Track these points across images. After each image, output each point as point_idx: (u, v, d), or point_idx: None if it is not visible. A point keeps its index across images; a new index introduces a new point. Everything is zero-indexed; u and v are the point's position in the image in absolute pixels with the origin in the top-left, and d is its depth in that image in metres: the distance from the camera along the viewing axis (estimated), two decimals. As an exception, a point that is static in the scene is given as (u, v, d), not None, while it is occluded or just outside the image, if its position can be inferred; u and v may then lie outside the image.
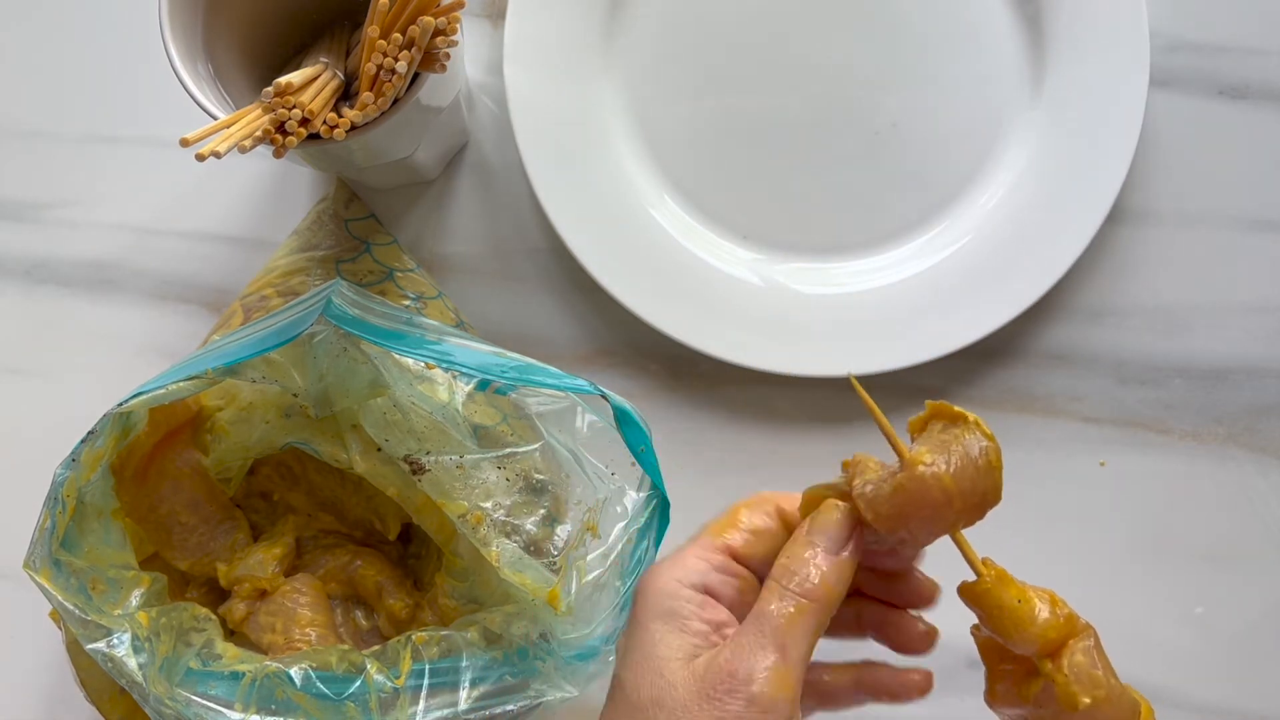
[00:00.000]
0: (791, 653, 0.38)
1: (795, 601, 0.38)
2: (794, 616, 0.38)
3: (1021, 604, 0.39)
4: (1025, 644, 0.39)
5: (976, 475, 0.38)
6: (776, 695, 0.37)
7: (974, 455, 0.38)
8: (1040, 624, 0.39)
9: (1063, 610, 0.39)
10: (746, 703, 0.37)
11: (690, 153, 0.63)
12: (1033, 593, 0.39)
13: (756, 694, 0.37)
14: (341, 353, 0.51)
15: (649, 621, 0.40)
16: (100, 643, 0.46)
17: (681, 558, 0.41)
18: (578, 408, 0.52)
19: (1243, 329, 0.63)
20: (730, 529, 0.41)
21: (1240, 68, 0.63)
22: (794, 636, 0.38)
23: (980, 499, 0.39)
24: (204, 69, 0.53)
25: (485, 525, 0.50)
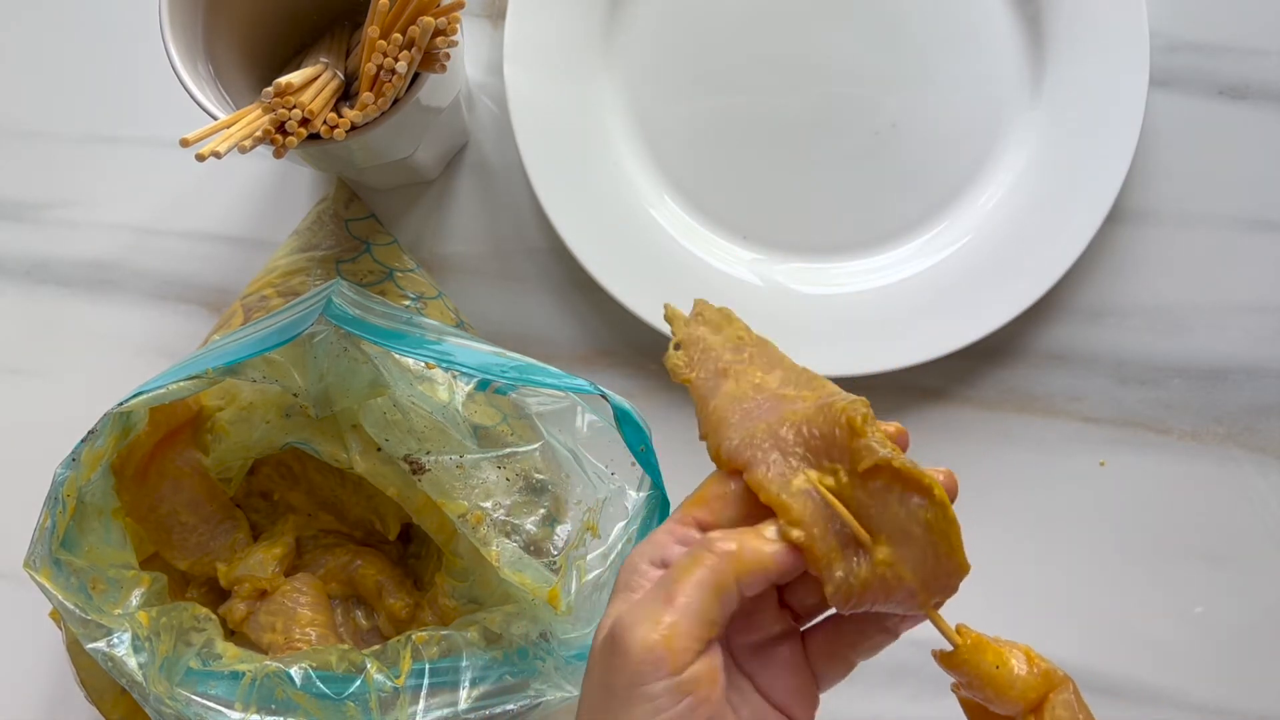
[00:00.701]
0: (679, 601, 0.36)
1: (698, 555, 0.37)
2: (687, 567, 0.37)
3: (999, 668, 0.39)
4: (1008, 705, 0.39)
5: (938, 561, 0.38)
6: (653, 641, 0.35)
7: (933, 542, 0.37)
8: (1020, 685, 0.39)
9: (1040, 665, 0.40)
10: (625, 652, 0.35)
11: (690, 153, 0.63)
12: (1008, 654, 0.40)
13: (639, 639, 0.35)
14: (342, 352, 0.51)
15: (612, 599, 0.39)
16: (100, 642, 0.46)
17: (650, 535, 0.40)
18: (578, 407, 0.52)
19: (1243, 329, 0.63)
20: (697, 501, 0.40)
21: (1240, 68, 0.63)
22: (683, 586, 0.36)
23: (945, 581, 0.38)
24: (204, 69, 0.53)
25: (485, 525, 0.50)
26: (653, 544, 0.39)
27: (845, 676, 0.42)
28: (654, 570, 0.38)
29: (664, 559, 0.39)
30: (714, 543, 0.37)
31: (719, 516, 0.39)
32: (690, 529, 0.39)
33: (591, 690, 0.37)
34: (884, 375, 0.61)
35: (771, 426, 0.39)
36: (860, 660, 0.41)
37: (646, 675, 0.35)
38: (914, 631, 0.43)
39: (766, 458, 0.39)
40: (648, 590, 0.37)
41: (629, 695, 0.35)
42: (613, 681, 0.35)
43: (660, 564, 0.39)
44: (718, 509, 0.39)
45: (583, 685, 0.38)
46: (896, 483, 0.37)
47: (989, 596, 0.62)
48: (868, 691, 0.61)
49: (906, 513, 0.37)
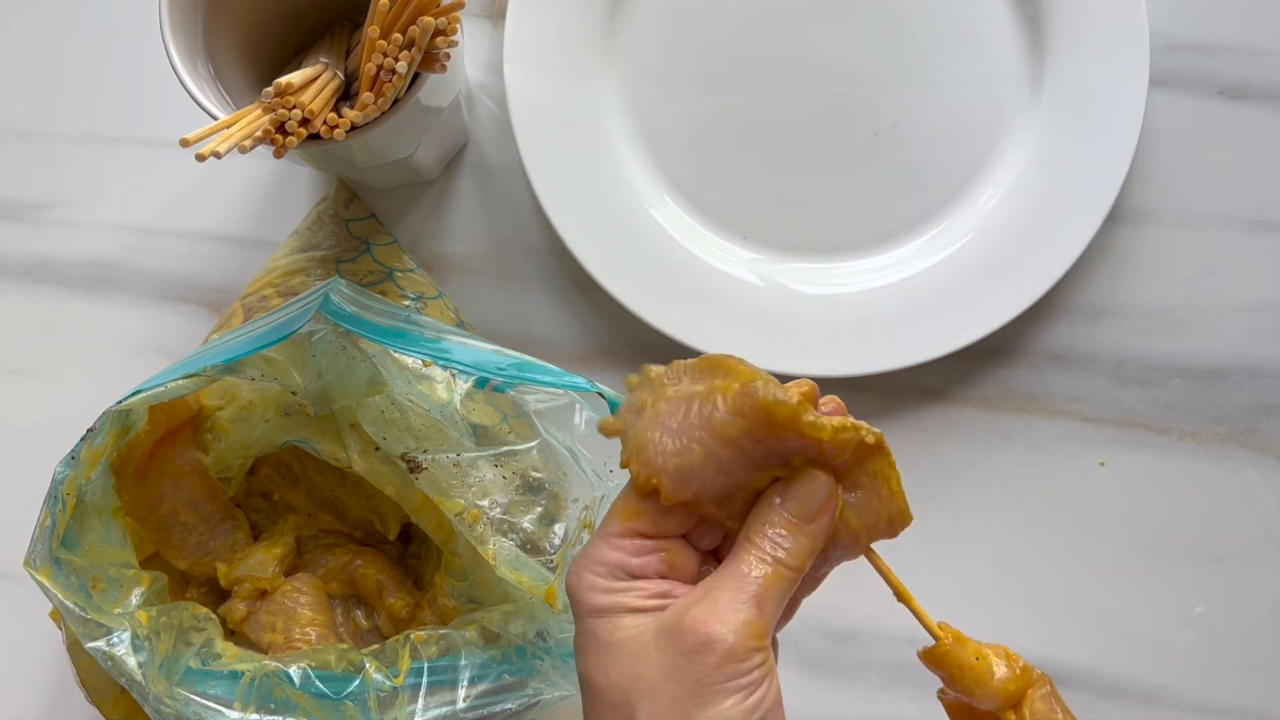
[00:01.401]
0: (767, 609, 0.38)
1: (773, 565, 0.39)
2: (771, 578, 0.39)
3: (979, 661, 0.41)
4: (988, 699, 0.41)
5: (881, 506, 0.40)
6: (752, 645, 0.38)
7: (878, 489, 0.40)
8: (999, 678, 0.41)
9: (1018, 663, 0.42)
10: (722, 657, 0.37)
11: (690, 153, 0.63)
12: (989, 649, 0.42)
13: (734, 646, 0.37)
14: (340, 351, 0.51)
15: (590, 619, 0.40)
16: (100, 641, 0.46)
17: (596, 550, 0.40)
18: (575, 405, 0.52)
19: (1243, 329, 0.63)
20: (632, 512, 0.40)
21: (1240, 68, 0.63)
22: (769, 596, 0.38)
23: (887, 527, 0.41)
24: (204, 69, 0.53)
25: (482, 523, 0.50)
26: (605, 562, 0.40)
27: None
28: (627, 583, 0.40)
29: (629, 571, 0.40)
30: (779, 549, 0.39)
31: (661, 525, 0.40)
32: (637, 540, 0.40)
33: (664, 690, 0.38)
34: (884, 375, 0.61)
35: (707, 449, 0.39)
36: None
37: (743, 669, 0.37)
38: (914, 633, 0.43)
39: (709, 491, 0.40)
40: (726, 590, 0.38)
41: (723, 686, 0.37)
42: (706, 678, 0.37)
43: (628, 575, 0.40)
44: (656, 518, 0.40)
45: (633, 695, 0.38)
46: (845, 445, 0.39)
47: (989, 596, 0.62)
48: (868, 691, 0.61)
49: (856, 468, 0.39)
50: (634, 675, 0.38)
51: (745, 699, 0.37)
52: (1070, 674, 0.61)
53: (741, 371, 0.40)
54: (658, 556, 0.40)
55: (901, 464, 0.40)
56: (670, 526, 0.40)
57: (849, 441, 0.39)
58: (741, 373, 0.40)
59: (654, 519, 0.40)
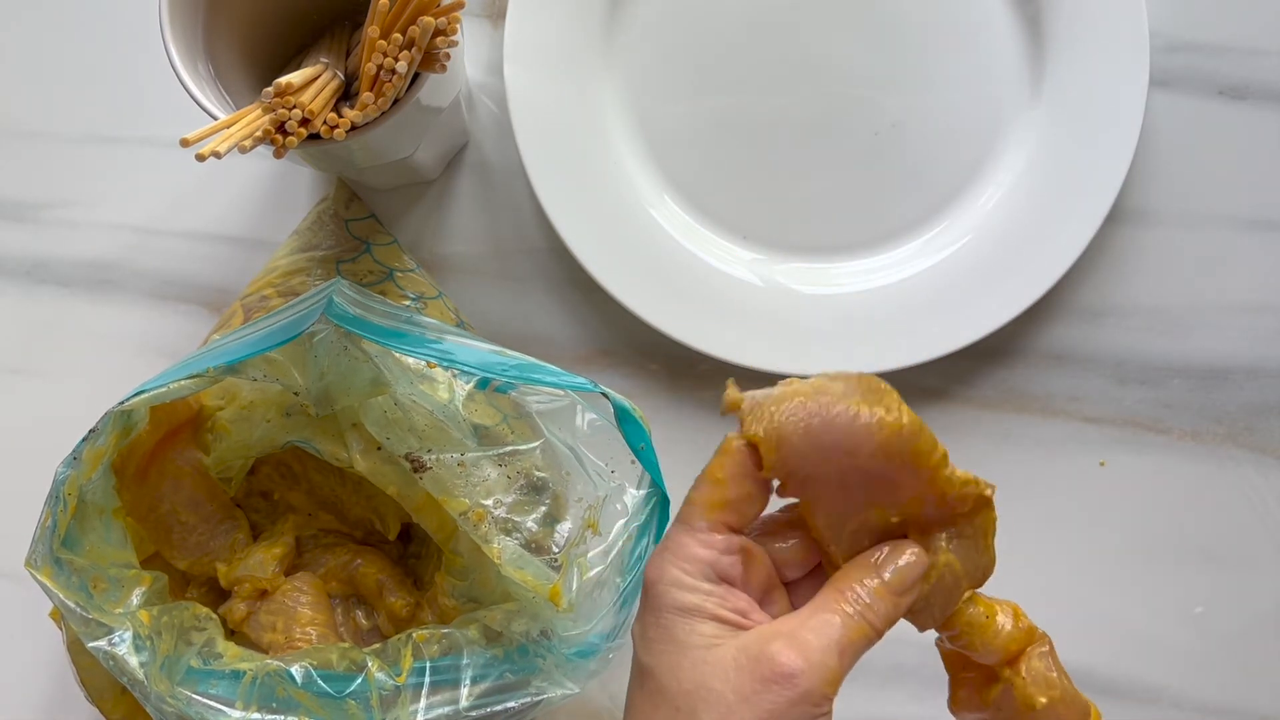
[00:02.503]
0: (846, 660, 0.39)
1: (862, 622, 0.39)
2: (857, 632, 0.39)
3: (988, 619, 0.42)
4: (990, 654, 0.42)
5: (979, 557, 0.42)
6: (825, 692, 0.38)
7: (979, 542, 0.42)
8: (1004, 636, 0.42)
9: (1024, 623, 0.42)
10: (800, 695, 0.37)
11: (690, 153, 0.64)
12: (997, 607, 0.42)
13: (809, 691, 0.38)
14: (342, 351, 0.51)
15: (671, 616, 0.40)
16: (102, 641, 0.46)
17: (683, 545, 0.40)
18: (577, 406, 0.52)
19: (1242, 329, 0.63)
20: (719, 505, 0.40)
21: (1240, 68, 0.63)
22: (851, 649, 0.39)
23: (982, 574, 0.42)
24: (204, 69, 0.53)
25: (486, 522, 0.50)
26: (695, 559, 0.40)
27: None
28: (717, 588, 0.40)
29: (719, 573, 0.40)
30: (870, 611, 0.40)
31: (745, 518, 0.41)
32: (725, 534, 0.40)
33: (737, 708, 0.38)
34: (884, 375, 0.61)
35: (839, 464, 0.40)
36: None
37: (815, 712, 0.38)
38: (913, 632, 0.43)
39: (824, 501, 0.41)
40: (811, 633, 0.39)
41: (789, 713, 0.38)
42: (778, 708, 0.38)
43: (718, 579, 0.40)
44: (744, 510, 0.40)
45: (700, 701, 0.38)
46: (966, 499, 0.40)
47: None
48: (868, 691, 0.61)
49: (964, 519, 0.41)
50: (705, 687, 0.38)
51: None
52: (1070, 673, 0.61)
53: (900, 407, 0.40)
54: (739, 559, 0.40)
55: (902, 464, 0.41)
56: (750, 518, 0.41)
57: (971, 494, 0.40)
58: (900, 409, 0.40)
59: (737, 509, 0.40)
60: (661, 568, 0.40)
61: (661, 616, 0.40)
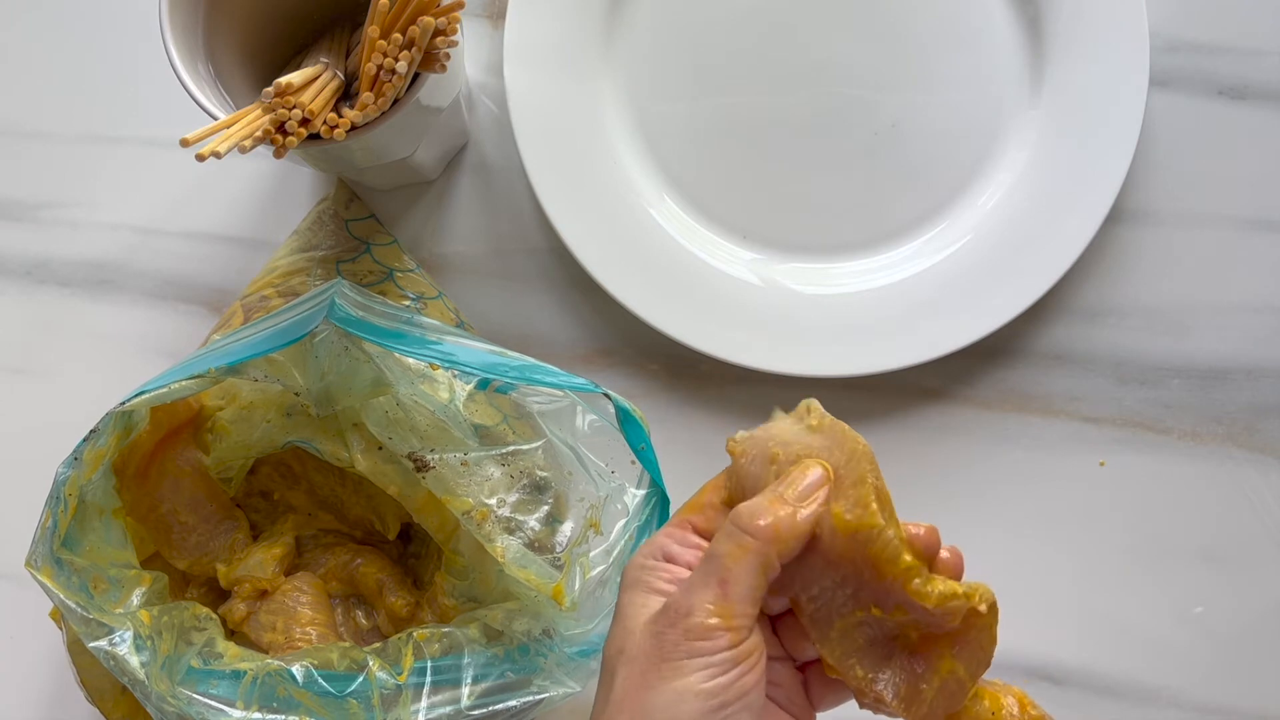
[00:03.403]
0: (733, 588, 0.38)
1: (739, 539, 0.39)
2: (736, 553, 0.39)
3: (994, 715, 0.41)
4: None
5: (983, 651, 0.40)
6: (715, 624, 0.38)
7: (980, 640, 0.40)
8: None
9: (1033, 713, 0.42)
10: (685, 633, 0.38)
11: (690, 153, 0.64)
12: (1003, 700, 0.41)
13: (695, 624, 0.38)
14: (343, 352, 0.51)
15: (621, 595, 0.41)
16: (102, 640, 0.46)
17: (652, 538, 0.43)
18: (577, 406, 0.52)
19: (1242, 329, 0.63)
20: (692, 508, 0.42)
21: (1240, 68, 0.63)
22: (735, 572, 0.38)
23: (985, 667, 0.41)
24: (204, 69, 0.53)
25: (490, 521, 0.50)
26: (652, 544, 0.42)
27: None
28: (659, 563, 0.41)
29: (666, 553, 0.41)
30: (753, 524, 0.39)
31: (712, 524, 0.42)
32: (685, 530, 0.42)
33: (637, 660, 0.39)
34: (884, 375, 0.61)
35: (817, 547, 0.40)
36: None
37: (706, 648, 0.38)
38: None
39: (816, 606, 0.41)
40: (697, 573, 0.39)
41: (687, 664, 0.38)
42: (668, 652, 0.38)
43: (663, 557, 0.41)
44: (712, 517, 0.42)
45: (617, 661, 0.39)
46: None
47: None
48: (868, 691, 0.61)
49: (964, 624, 0.39)
50: (620, 649, 0.39)
51: (707, 679, 0.37)
52: (1069, 674, 0.61)
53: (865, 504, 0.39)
54: (696, 553, 0.41)
55: (902, 464, 0.41)
56: (717, 528, 0.41)
57: (957, 610, 0.39)
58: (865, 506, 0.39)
59: (707, 516, 0.42)
60: (634, 558, 0.42)
61: (619, 596, 0.41)
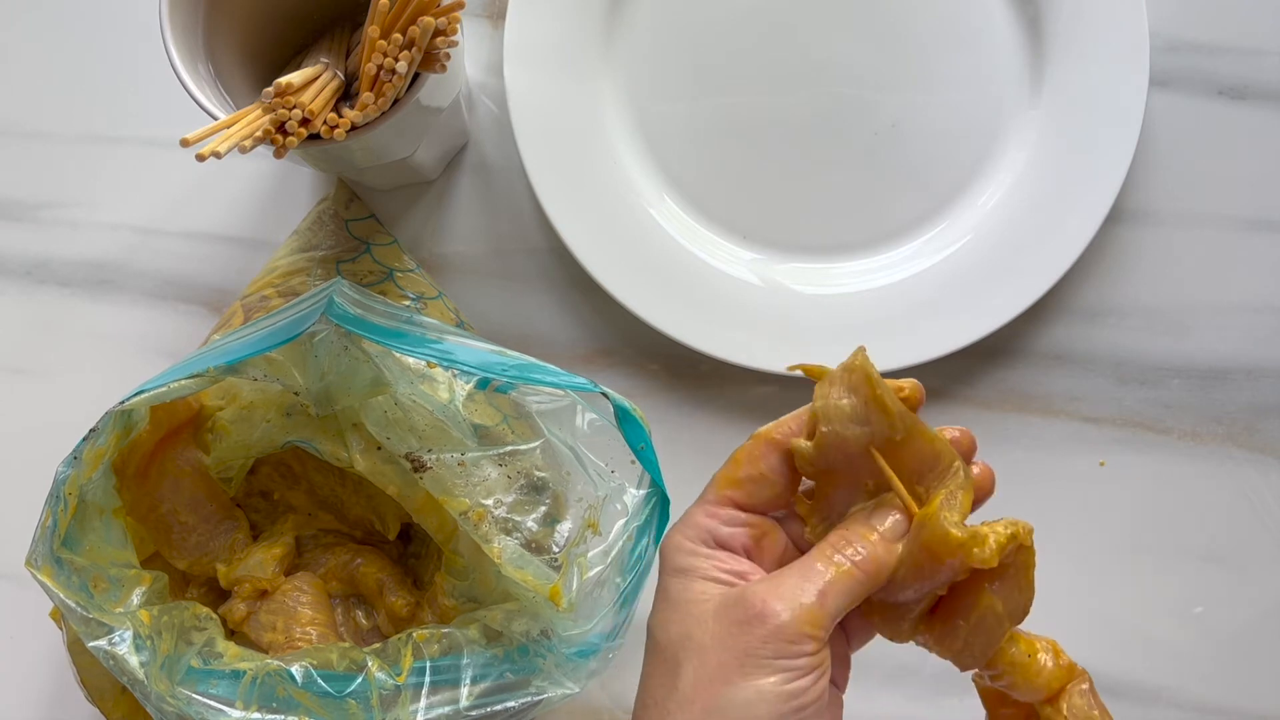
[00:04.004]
0: (828, 603, 0.39)
1: (845, 565, 0.40)
2: (840, 575, 0.39)
3: (1030, 657, 0.42)
4: (1032, 693, 0.42)
5: (1020, 594, 0.41)
6: (803, 630, 0.38)
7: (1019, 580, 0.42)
8: (1046, 674, 0.42)
9: (1064, 659, 0.42)
10: (772, 631, 0.38)
11: (690, 153, 0.64)
12: (1038, 644, 0.42)
13: (785, 623, 0.38)
14: (343, 351, 0.51)
15: (667, 578, 0.41)
16: (102, 640, 0.46)
17: (689, 516, 0.42)
18: (577, 406, 0.52)
19: (1242, 329, 0.63)
20: (730, 482, 0.42)
21: (1240, 68, 0.63)
22: (835, 591, 0.39)
23: (1023, 611, 0.42)
24: (204, 69, 0.53)
25: (487, 522, 0.50)
26: (696, 526, 0.42)
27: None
28: (711, 551, 0.41)
29: (717, 539, 0.41)
30: (859, 554, 0.40)
31: (755, 498, 0.42)
32: (729, 509, 0.42)
33: (711, 652, 0.39)
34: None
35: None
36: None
37: (793, 651, 0.38)
38: (914, 632, 0.43)
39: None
40: (793, 576, 0.39)
41: (767, 662, 0.38)
42: (753, 650, 0.38)
43: (715, 544, 0.41)
44: (752, 490, 0.42)
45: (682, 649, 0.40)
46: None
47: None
48: (868, 692, 0.61)
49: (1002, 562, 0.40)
50: (687, 636, 0.39)
51: (787, 681, 0.38)
52: (1070, 674, 0.61)
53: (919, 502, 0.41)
54: (745, 531, 0.42)
55: (902, 464, 0.41)
56: (763, 500, 0.42)
57: (1010, 553, 0.40)
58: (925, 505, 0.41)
59: (750, 490, 0.42)
60: (668, 537, 0.42)
61: (662, 579, 0.42)
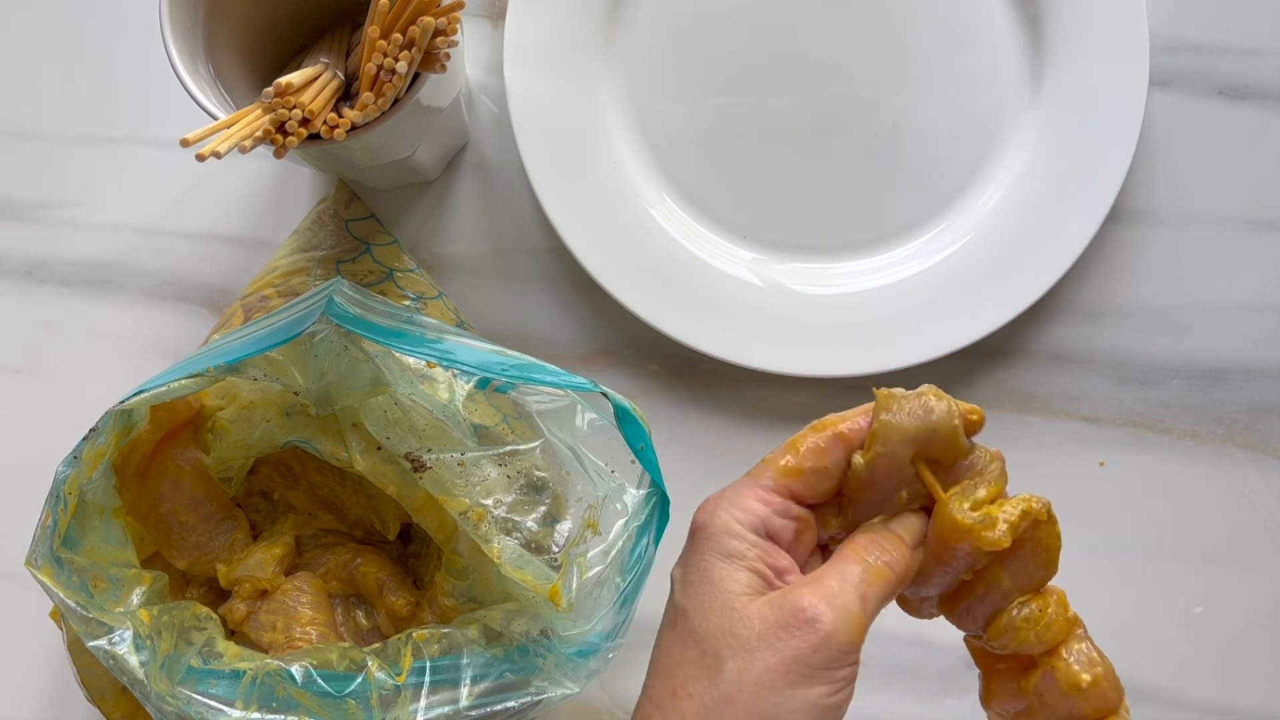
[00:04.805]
0: (869, 606, 0.40)
1: (881, 568, 0.40)
2: (877, 577, 0.40)
3: (1040, 612, 0.42)
4: (1039, 645, 0.42)
5: (1036, 568, 0.43)
6: (850, 640, 0.39)
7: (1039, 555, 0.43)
8: (1055, 627, 0.42)
9: (1070, 613, 0.43)
10: (822, 640, 0.38)
11: (690, 153, 0.64)
12: (1049, 598, 0.43)
13: (831, 634, 0.38)
14: (343, 351, 0.51)
15: (712, 558, 0.41)
16: (102, 640, 0.46)
17: (741, 496, 0.42)
18: (577, 406, 0.52)
19: (1242, 329, 0.63)
20: (792, 472, 0.42)
21: (1240, 68, 0.63)
22: (873, 593, 0.40)
23: (1037, 584, 0.43)
24: (204, 69, 0.53)
25: (486, 522, 0.50)
26: (749, 510, 0.41)
27: None
28: (761, 541, 0.41)
29: (767, 529, 0.41)
30: (890, 558, 0.41)
31: (814, 490, 0.42)
32: (786, 500, 0.42)
33: (758, 654, 0.39)
34: (884, 375, 0.61)
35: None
36: None
37: (841, 659, 0.39)
38: (915, 633, 0.43)
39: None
40: (837, 580, 0.40)
41: (817, 673, 0.38)
42: (805, 659, 0.38)
43: (764, 534, 0.41)
44: (814, 483, 0.42)
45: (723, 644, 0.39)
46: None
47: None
48: (868, 691, 0.61)
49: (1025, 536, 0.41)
50: (730, 632, 0.39)
51: (833, 694, 0.39)
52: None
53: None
54: (794, 525, 0.42)
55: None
56: (820, 493, 0.42)
57: (1027, 529, 0.41)
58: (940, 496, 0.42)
59: (811, 483, 0.42)
60: (714, 512, 0.42)
61: (704, 559, 0.41)
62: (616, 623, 0.49)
